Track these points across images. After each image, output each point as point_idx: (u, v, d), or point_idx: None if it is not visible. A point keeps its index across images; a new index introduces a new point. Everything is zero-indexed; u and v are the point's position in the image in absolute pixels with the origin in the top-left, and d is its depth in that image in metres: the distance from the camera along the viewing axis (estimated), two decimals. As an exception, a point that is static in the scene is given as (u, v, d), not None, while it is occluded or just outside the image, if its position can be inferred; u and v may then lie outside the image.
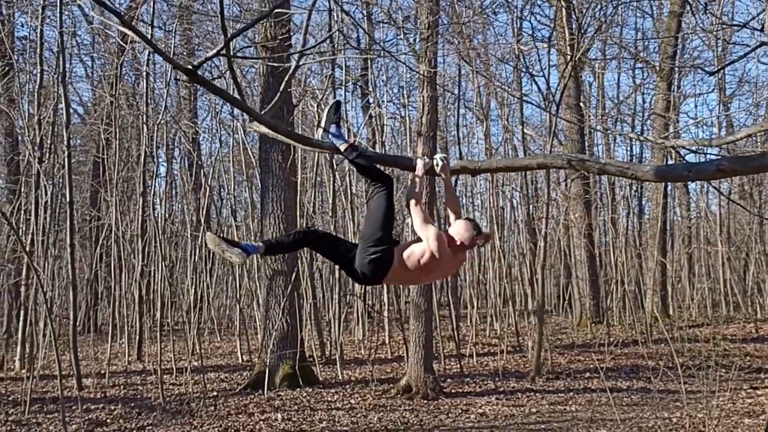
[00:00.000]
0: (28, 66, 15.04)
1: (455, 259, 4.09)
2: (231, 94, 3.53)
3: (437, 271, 4.08)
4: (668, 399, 9.15)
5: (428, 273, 4.08)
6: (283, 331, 10.43)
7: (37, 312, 12.23)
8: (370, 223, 3.99)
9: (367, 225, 4.03)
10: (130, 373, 11.95)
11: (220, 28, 3.05)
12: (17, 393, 10.02)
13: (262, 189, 11.24)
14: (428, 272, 4.05)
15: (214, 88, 3.37)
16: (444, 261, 3.99)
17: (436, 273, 4.15)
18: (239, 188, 21.00)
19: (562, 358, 12.69)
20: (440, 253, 3.92)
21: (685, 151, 5.58)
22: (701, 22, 12.02)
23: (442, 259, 3.96)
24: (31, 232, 11.98)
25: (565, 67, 12.26)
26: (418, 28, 10.20)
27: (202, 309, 16.70)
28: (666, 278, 17.58)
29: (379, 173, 4.05)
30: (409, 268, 3.99)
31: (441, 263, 3.99)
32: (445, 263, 4.03)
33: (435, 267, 4.00)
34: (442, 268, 4.09)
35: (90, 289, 18.47)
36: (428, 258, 3.94)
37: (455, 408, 9.03)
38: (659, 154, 15.85)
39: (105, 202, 17.74)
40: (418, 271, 4.00)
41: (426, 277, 4.20)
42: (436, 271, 4.09)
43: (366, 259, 3.93)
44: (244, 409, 9.00)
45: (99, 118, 16.63)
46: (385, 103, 17.03)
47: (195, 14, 16.42)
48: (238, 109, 4.33)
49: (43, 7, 12.25)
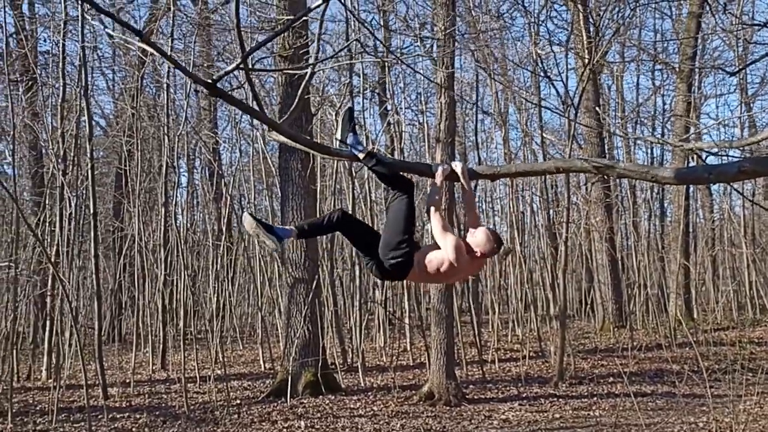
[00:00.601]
0: (50, 80, 15.30)
1: (474, 264, 4.17)
2: (250, 106, 3.57)
3: (457, 275, 4.28)
4: (694, 403, 9.04)
5: (448, 277, 4.24)
6: (304, 339, 10.47)
7: (63, 322, 12.40)
8: (391, 229, 4.02)
9: (388, 230, 4.05)
10: (154, 382, 12.05)
11: (250, 28, 3.10)
12: (44, 402, 10.15)
13: (282, 197, 11.31)
14: (448, 276, 4.20)
15: (233, 100, 3.41)
16: (462, 267, 4.07)
17: (456, 277, 4.36)
18: (259, 197, 21.14)
19: (585, 363, 12.60)
20: (458, 262, 3.99)
21: (707, 153, 5.54)
22: (721, 22, 11.93)
23: (460, 266, 4.03)
24: (56, 243, 12.17)
25: (583, 70, 12.21)
26: (435, 35, 10.23)
27: (225, 317, 16.79)
28: (689, 281, 17.39)
29: (400, 179, 4.07)
30: (429, 273, 4.08)
31: (460, 269, 4.08)
32: (464, 269, 4.13)
33: (454, 273, 4.12)
34: (461, 273, 4.23)
35: (114, 299, 18.68)
36: (447, 266, 4.01)
37: (478, 414, 9.00)
38: (680, 156, 15.72)
39: (128, 212, 17.95)
40: (437, 275, 4.12)
41: (445, 280, 4.44)
42: (455, 276, 4.29)
43: (387, 263, 4.00)
44: (267, 417, 9.05)
45: (121, 130, 16.86)
46: (402, 109, 17.09)
47: (213, 26, 16.61)
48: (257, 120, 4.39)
49: (65, 22, 12.46)
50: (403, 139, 17.00)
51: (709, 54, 19.26)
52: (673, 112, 17.71)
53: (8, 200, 15.59)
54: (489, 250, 4.02)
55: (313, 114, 12.13)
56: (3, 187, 9.97)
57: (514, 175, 5.58)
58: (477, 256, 4.04)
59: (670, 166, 15.58)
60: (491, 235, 4.04)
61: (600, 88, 18.96)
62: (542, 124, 15.11)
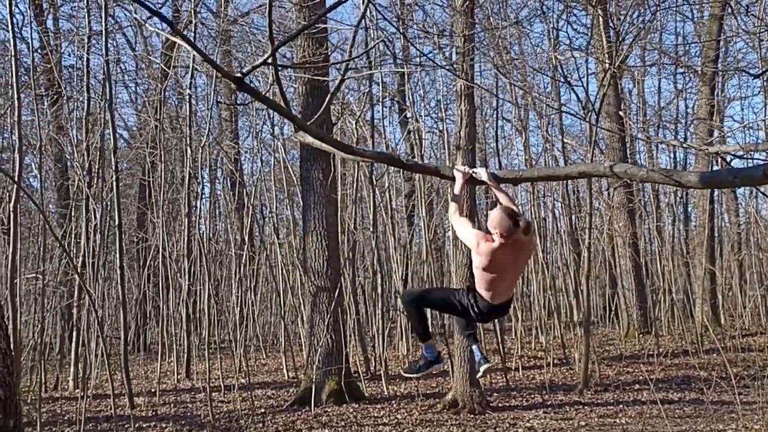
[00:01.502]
0: (75, 94, 15.55)
1: (507, 249, 3.95)
2: (277, 103, 3.59)
3: (500, 266, 3.98)
4: (722, 410, 8.90)
5: (503, 269, 4.00)
6: (328, 347, 10.49)
7: (89, 332, 12.55)
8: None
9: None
10: (179, 391, 12.14)
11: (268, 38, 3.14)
12: (72, 412, 10.26)
13: (303, 206, 11.37)
14: (502, 268, 3.99)
15: (260, 96, 3.42)
16: (493, 256, 3.92)
17: (501, 267, 4.00)
18: (281, 206, 21.26)
19: (610, 369, 12.47)
20: (481, 251, 3.90)
21: (731, 156, 5.48)
22: (744, 24, 11.80)
23: (495, 255, 3.91)
24: (82, 254, 12.35)
25: (603, 75, 12.15)
26: (454, 42, 10.24)
27: (248, 326, 16.89)
28: (716, 286, 17.15)
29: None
30: (482, 277, 4.02)
31: (494, 259, 3.92)
32: (500, 257, 3.94)
33: (495, 265, 3.95)
34: (501, 263, 3.98)
35: (139, 309, 18.87)
36: (479, 260, 3.94)
37: (502, 422, 8.95)
38: (704, 160, 15.55)
39: (151, 223, 18.15)
40: (487, 273, 3.99)
41: (499, 274, 4.03)
42: (500, 267, 3.98)
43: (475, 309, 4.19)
44: (291, 426, 9.07)
45: (144, 142, 17.07)
46: (422, 117, 17.11)
47: (234, 38, 16.79)
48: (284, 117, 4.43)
49: (89, 36, 12.67)
50: (423, 147, 17.01)
51: (732, 56, 19.06)
52: (696, 116, 17.54)
53: (35, 212, 15.86)
54: (505, 227, 3.87)
55: (333, 123, 12.20)
56: (30, 199, 10.14)
57: (537, 179, 5.56)
58: (500, 238, 3.91)
59: (693, 170, 15.41)
60: (504, 212, 3.91)
61: (621, 93, 18.83)
62: (563, 130, 15.04)
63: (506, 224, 3.87)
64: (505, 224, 3.87)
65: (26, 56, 12.87)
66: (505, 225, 3.87)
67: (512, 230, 3.89)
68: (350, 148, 4.33)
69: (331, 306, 10.54)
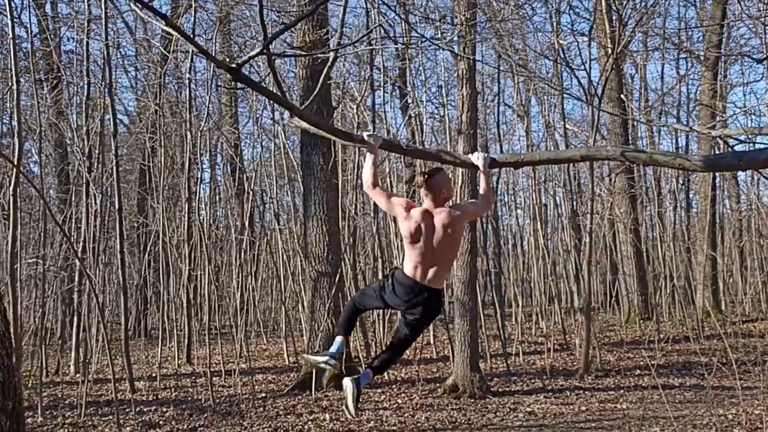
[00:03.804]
0: (75, 79, 15.46)
1: (436, 218, 3.91)
2: (273, 92, 3.56)
3: (431, 236, 3.90)
4: (723, 395, 8.91)
5: (426, 242, 3.90)
6: (328, 333, 10.49)
7: (90, 317, 12.57)
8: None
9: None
10: (180, 376, 12.17)
11: (260, 26, 3.09)
12: (73, 396, 10.29)
13: (304, 192, 11.33)
14: (425, 242, 3.89)
15: (256, 85, 3.40)
16: (418, 220, 3.90)
17: (436, 242, 3.90)
18: (281, 192, 21.22)
19: (611, 355, 12.48)
20: (388, 205, 4.02)
21: (734, 140, 5.44)
22: (747, 8, 11.70)
23: (410, 219, 3.90)
24: (82, 239, 12.33)
25: (606, 60, 12.07)
26: (455, 26, 10.16)
27: (248, 312, 16.91)
28: (717, 272, 17.14)
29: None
30: (417, 257, 3.91)
31: (416, 224, 3.89)
32: (428, 223, 3.91)
33: (423, 233, 3.90)
34: (430, 231, 3.91)
35: (139, 294, 18.89)
36: (403, 229, 3.93)
37: (503, 407, 8.96)
38: (706, 145, 15.49)
39: (152, 208, 18.12)
40: (417, 244, 3.91)
41: (432, 249, 3.91)
42: (431, 238, 3.89)
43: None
44: (292, 410, 9.09)
45: (144, 127, 17.00)
46: (423, 102, 17.01)
47: (233, 22, 16.67)
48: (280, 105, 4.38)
49: (88, 21, 12.57)
50: (424, 132, 16.94)
51: (734, 41, 18.94)
52: (699, 101, 17.45)
53: (36, 198, 15.83)
54: (414, 181, 3.98)
55: (333, 108, 12.13)
56: (31, 184, 10.10)
57: (538, 163, 5.53)
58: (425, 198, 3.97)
59: (697, 154, 15.34)
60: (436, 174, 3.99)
61: (623, 78, 18.74)
62: (565, 115, 14.96)
63: (411, 177, 3.96)
64: (411, 178, 3.96)
65: (25, 41, 12.81)
66: (412, 179, 3.95)
67: (417, 183, 3.96)
68: (348, 134, 4.28)
69: (331, 291, 10.54)
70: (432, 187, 3.94)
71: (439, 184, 3.96)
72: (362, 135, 4.01)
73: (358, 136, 4.12)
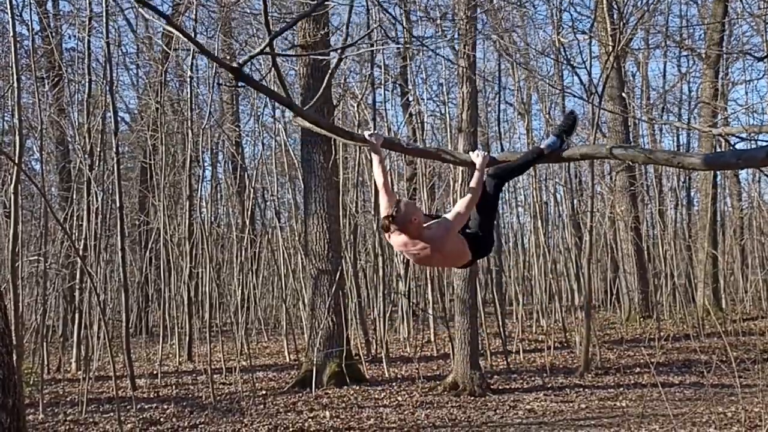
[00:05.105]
0: (76, 76, 15.48)
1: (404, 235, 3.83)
2: (274, 90, 3.57)
3: (426, 263, 4.03)
4: (722, 393, 8.93)
5: (423, 264, 4.11)
6: (329, 330, 10.52)
7: (91, 315, 12.59)
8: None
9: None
10: (181, 373, 12.19)
11: (264, 25, 3.11)
12: (74, 394, 10.32)
13: (305, 190, 11.34)
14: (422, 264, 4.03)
15: (257, 85, 3.41)
16: (404, 253, 3.94)
17: (433, 262, 4.02)
18: (282, 190, 21.24)
19: (611, 353, 12.50)
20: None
21: (735, 139, 5.44)
22: (748, 6, 11.70)
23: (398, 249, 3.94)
24: (84, 237, 12.36)
25: (607, 58, 12.07)
26: (456, 24, 10.17)
27: (249, 309, 16.93)
28: (717, 270, 17.14)
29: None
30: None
31: (404, 256, 4.01)
32: (412, 257, 3.94)
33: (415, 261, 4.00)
34: (423, 260, 3.96)
35: (141, 292, 18.92)
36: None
37: (503, 404, 8.98)
38: (707, 143, 15.48)
39: (153, 206, 18.14)
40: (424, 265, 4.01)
41: (435, 263, 4.07)
42: (429, 263, 4.05)
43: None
44: (292, 407, 9.11)
45: (145, 125, 17.02)
46: (424, 100, 17.03)
47: (235, 20, 16.66)
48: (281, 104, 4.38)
49: (90, 18, 12.59)
50: (425, 130, 16.96)
51: (736, 39, 18.91)
52: (700, 99, 17.44)
53: (37, 195, 15.85)
54: (382, 225, 3.86)
55: (334, 105, 12.14)
56: (32, 181, 10.13)
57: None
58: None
59: (697, 152, 15.33)
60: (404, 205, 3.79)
61: (625, 76, 18.72)
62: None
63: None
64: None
65: (26, 39, 12.82)
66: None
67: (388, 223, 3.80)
68: (349, 133, 4.28)
69: (332, 289, 10.55)
70: (400, 226, 3.76)
71: (404, 219, 3.74)
72: (363, 134, 4.02)
73: (359, 135, 4.13)
